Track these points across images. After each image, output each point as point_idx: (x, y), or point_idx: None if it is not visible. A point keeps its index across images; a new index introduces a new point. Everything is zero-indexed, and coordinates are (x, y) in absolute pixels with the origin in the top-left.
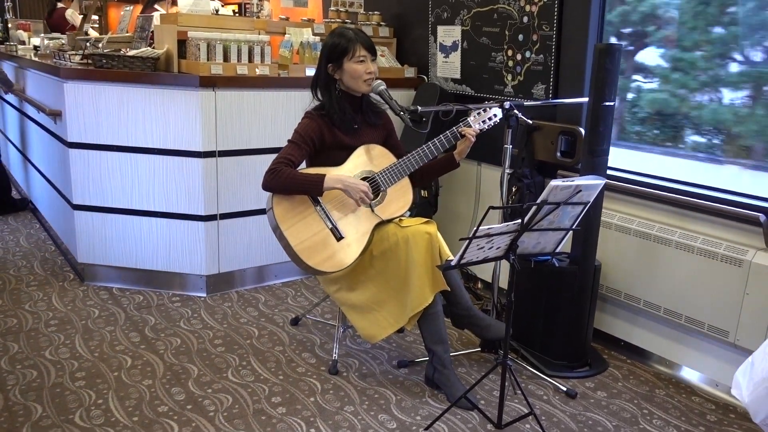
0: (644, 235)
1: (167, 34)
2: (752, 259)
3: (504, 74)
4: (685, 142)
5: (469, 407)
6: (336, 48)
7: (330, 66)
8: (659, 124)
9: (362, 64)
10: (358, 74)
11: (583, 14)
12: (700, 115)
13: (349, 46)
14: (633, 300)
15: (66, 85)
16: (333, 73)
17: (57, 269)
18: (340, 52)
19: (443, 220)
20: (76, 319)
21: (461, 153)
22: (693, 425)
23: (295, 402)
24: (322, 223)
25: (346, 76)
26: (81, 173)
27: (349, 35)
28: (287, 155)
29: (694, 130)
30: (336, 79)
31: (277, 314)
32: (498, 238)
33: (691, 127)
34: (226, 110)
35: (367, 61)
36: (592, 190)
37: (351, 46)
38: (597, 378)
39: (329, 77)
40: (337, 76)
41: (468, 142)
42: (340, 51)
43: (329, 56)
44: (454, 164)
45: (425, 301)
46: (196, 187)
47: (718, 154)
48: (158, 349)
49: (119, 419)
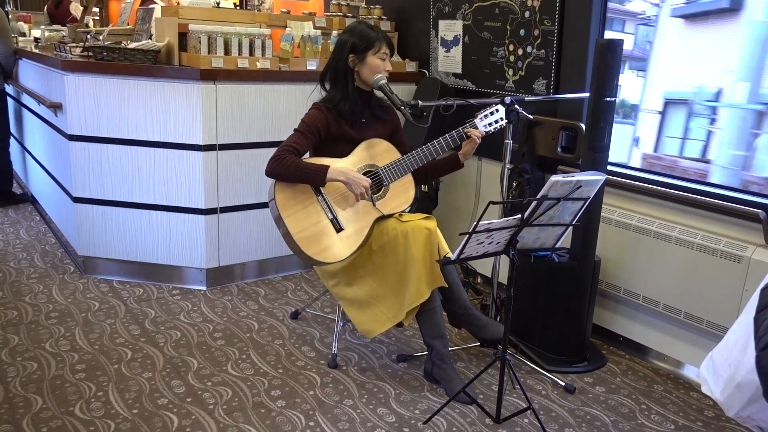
0: (644, 231)
1: (168, 27)
2: (752, 256)
3: (505, 69)
4: None
5: (467, 401)
6: (363, 39)
7: (352, 57)
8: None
9: (383, 61)
10: (378, 69)
11: (585, 9)
12: None
13: (376, 41)
14: (632, 296)
15: (67, 77)
16: (353, 65)
17: (57, 262)
18: (367, 45)
19: (443, 215)
20: (77, 312)
21: (466, 154)
22: (691, 420)
23: (294, 395)
24: (322, 214)
25: (366, 69)
26: (81, 166)
27: (376, 30)
28: (293, 143)
29: None
30: (354, 71)
31: (276, 308)
32: (498, 233)
33: None
34: (226, 103)
35: (387, 59)
36: (592, 186)
37: (377, 41)
38: (595, 373)
39: (347, 68)
40: (356, 68)
41: (473, 144)
42: (367, 44)
43: (354, 47)
44: (459, 164)
45: (422, 297)
46: (197, 180)
47: None
48: (158, 342)
49: (119, 411)
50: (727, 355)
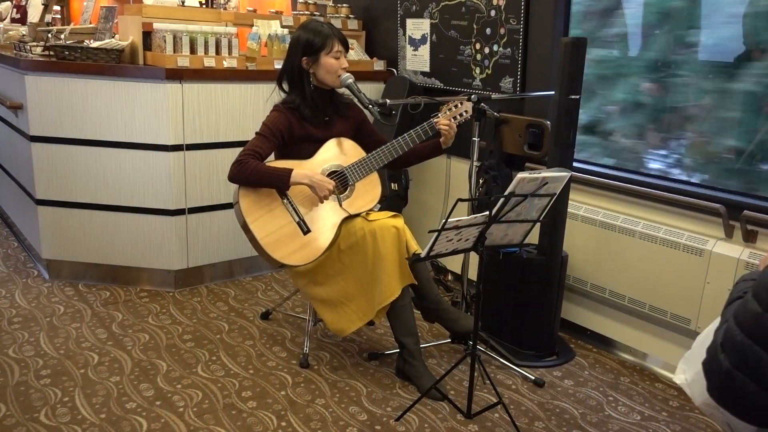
0: (609, 226)
1: (132, 26)
2: (712, 249)
3: (472, 67)
4: None
5: (439, 398)
6: (313, 42)
7: (305, 59)
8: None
9: (337, 60)
10: (333, 69)
11: (550, 8)
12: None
13: (327, 41)
14: (598, 290)
15: (27, 77)
16: (308, 67)
17: (20, 265)
18: (318, 47)
19: (414, 213)
20: (41, 316)
21: (446, 142)
22: (656, 411)
23: (265, 396)
24: (288, 217)
25: (322, 70)
26: (44, 167)
27: (326, 30)
28: (254, 147)
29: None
30: (309, 73)
31: (247, 308)
32: (466, 230)
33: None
34: (193, 103)
35: (342, 56)
36: (558, 182)
37: (329, 41)
38: (564, 367)
39: (303, 70)
40: (311, 70)
41: (447, 134)
42: (318, 45)
43: (305, 50)
44: (440, 150)
45: (393, 295)
46: (164, 181)
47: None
48: (126, 346)
49: (86, 417)
50: (701, 342)
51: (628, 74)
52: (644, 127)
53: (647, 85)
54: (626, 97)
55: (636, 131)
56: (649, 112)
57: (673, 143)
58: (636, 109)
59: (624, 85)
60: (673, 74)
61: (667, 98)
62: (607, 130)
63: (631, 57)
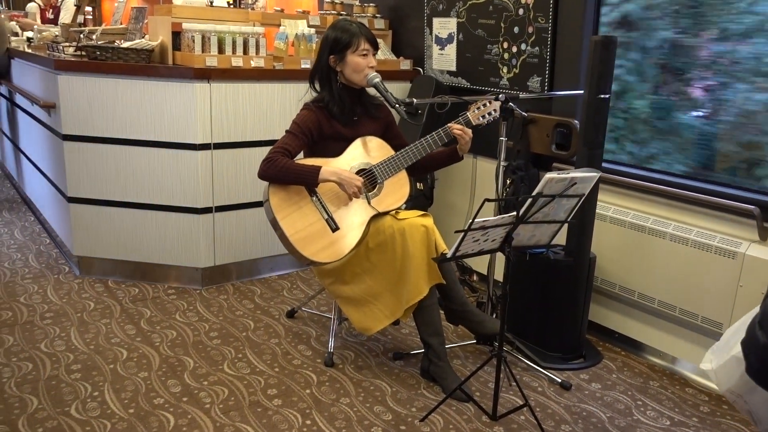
0: (639, 227)
1: (161, 26)
2: (746, 252)
3: (500, 66)
4: None
5: (464, 399)
6: (340, 40)
7: (332, 58)
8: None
9: (365, 58)
10: (360, 67)
11: (579, 6)
12: None
13: (353, 39)
14: (627, 292)
15: (60, 77)
16: (335, 65)
17: (52, 262)
18: (344, 45)
19: (439, 213)
20: (72, 312)
21: (462, 148)
22: (686, 416)
23: (290, 394)
24: (318, 214)
25: (348, 68)
26: (75, 166)
27: (353, 28)
28: (284, 145)
29: None
30: (337, 71)
31: (272, 307)
32: (493, 230)
33: None
34: (221, 102)
35: (369, 55)
36: (587, 183)
37: (355, 39)
38: (591, 370)
39: (330, 69)
40: (338, 68)
41: (461, 140)
42: (344, 44)
43: (332, 48)
44: (457, 157)
45: (421, 294)
46: (192, 179)
47: None
48: (154, 342)
49: (115, 411)
50: (732, 334)
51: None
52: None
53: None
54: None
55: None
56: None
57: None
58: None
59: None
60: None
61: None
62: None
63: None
